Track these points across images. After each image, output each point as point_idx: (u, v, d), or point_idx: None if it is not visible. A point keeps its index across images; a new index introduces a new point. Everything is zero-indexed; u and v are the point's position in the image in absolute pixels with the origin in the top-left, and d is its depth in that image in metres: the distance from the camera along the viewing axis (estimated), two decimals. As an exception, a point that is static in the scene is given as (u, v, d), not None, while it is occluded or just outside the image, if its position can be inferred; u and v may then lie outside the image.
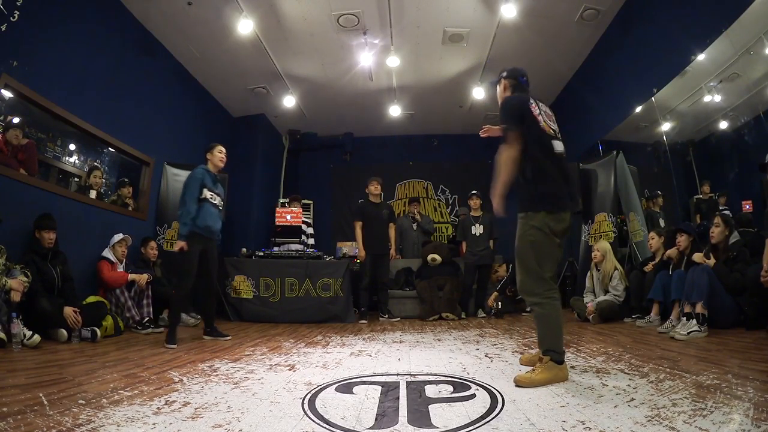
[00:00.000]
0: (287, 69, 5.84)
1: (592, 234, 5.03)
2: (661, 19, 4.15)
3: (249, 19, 4.56)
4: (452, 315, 4.90)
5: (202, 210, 3.23)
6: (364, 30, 5.00)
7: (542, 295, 1.91)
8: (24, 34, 3.31)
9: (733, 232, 3.13)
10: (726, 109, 3.90)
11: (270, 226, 5.83)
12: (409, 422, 1.35)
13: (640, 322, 3.50)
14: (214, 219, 3.33)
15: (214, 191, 3.36)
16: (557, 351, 1.85)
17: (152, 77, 5.04)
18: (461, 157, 8.07)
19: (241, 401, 1.58)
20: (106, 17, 4.24)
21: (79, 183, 4.31)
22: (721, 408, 1.32)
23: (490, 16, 4.79)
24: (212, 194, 3.34)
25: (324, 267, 4.90)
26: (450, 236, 7.45)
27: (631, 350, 2.45)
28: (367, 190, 5.11)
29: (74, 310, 3.04)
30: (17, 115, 3.56)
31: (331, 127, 7.71)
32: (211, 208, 3.30)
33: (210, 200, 3.30)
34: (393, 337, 3.44)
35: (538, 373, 1.79)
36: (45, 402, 1.50)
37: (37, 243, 3.21)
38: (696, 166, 4.44)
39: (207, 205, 3.27)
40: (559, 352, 1.85)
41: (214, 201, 3.35)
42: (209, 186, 3.33)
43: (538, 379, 1.77)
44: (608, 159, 5.00)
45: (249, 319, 4.66)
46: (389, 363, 2.34)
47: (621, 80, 4.97)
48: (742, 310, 2.81)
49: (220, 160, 3.46)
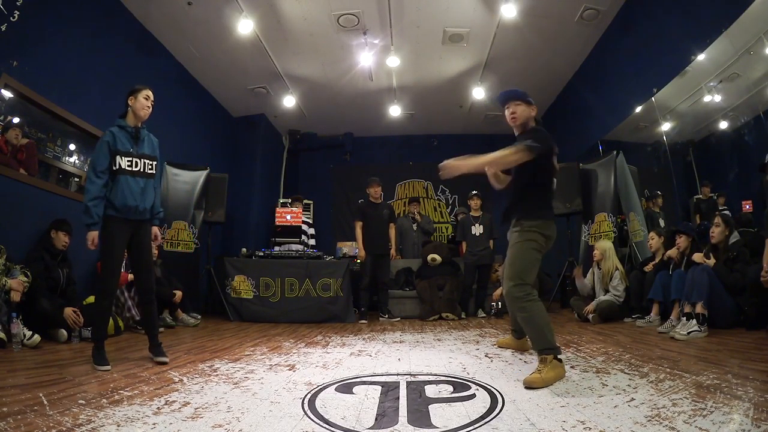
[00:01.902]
0: (287, 69, 5.84)
1: (592, 234, 5.03)
2: (661, 19, 4.15)
3: (249, 19, 4.56)
4: (452, 315, 4.89)
5: (118, 184, 2.36)
6: (364, 30, 5.00)
7: (523, 299, 2.01)
8: (24, 34, 3.31)
9: (733, 232, 3.13)
10: (726, 109, 3.90)
11: (270, 226, 5.84)
12: (409, 422, 1.35)
13: (640, 322, 3.50)
14: (139, 194, 2.41)
15: (132, 154, 2.42)
16: (553, 348, 1.90)
17: (152, 77, 5.02)
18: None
19: (241, 401, 1.58)
20: (106, 17, 4.24)
21: (79, 183, 4.31)
22: (721, 408, 1.32)
23: (490, 16, 4.79)
24: (130, 160, 2.40)
25: (324, 267, 4.90)
26: (450, 236, 7.45)
27: (631, 350, 2.45)
28: (368, 191, 5.12)
29: (74, 310, 3.04)
30: (17, 115, 3.56)
31: (331, 127, 7.71)
32: (129, 180, 2.38)
33: (127, 168, 2.38)
34: (393, 337, 3.44)
35: (546, 372, 1.82)
36: (45, 402, 1.50)
37: (50, 242, 3.26)
38: (696, 166, 4.44)
39: (124, 176, 2.37)
40: (555, 348, 1.91)
41: (135, 168, 2.41)
42: (124, 149, 2.39)
43: (548, 377, 1.80)
44: (608, 159, 5.00)
45: (249, 319, 4.66)
46: (389, 363, 2.34)
47: (621, 80, 4.97)
48: (742, 310, 2.81)
49: (144, 108, 2.47)
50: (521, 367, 2.15)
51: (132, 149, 2.43)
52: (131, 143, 2.44)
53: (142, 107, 2.48)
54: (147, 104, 2.50)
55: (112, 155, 2.37)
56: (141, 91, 2.51)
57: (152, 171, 2.52)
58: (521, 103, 2.18)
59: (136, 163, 2.43)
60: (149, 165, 2.49)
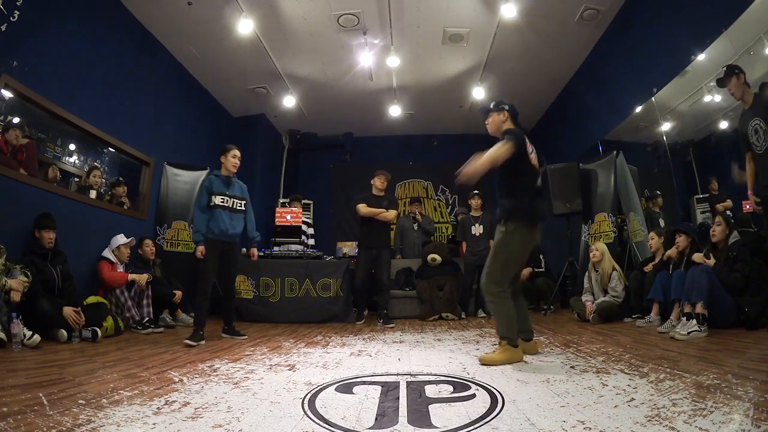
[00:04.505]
0: (287, 69, 5.84)
1: (592, 234, 5.03)
2: (661, 19, 4.15)
3: (249, 19, 4.56)
4: (452, 315, 4.90)
5: (215, 215, 3.32)
6: (364, 30, 5.00)
7: (496, 294, 2.34)
8: (24, 34, 3.31)
9: (732, 232, 3.13)
10: (726, 109, 3.89)
11: (270, 226, 5.84)
12: (409, 422, 1.35)
13: (640, 322, 3.50)
14: (229, 222, 3.36)
15: (225, 194, 3.38)
16: (511, 338, 2.28)
17: (152, 77, 5.04)
18: (461, 157, 7.94)
19: (241, 401, 1.58)
20: (106, 17, 4.24)
21: (79, 183, 4.31)
22: (721, 408, 1.32)
23: (490, 16, 4.79)
24: (223, 198, 3.37)
25: (324, 267, 4.90)
26: (450, 236, 7.45)
27: (631, 350, 2.45)
28: (372, 182, 4.76)
29: (75, 310, 3.04)
30: (17, 115, 3.56)
31: (331, 127, 7.71)
32: (222, 213, 3.34)
33: (221, 204, 3.35)
34: (393, 337, 3.44)
35: (499, 353, 2.25)
36: (45, 402, 1.50)
37: (37, 243, 3.21)
38: (696, 166, 4.43)
39: (218, 210, 3.33)
40: (512, 338, 2.28)
41: (227, 204, 3.38)
42: (218, 191, 3.36)
43: (498, 358, 2.22)
44: (608, 159, 5.00)
45: (249, 319, 4.66)
46: (389, 363, 2.34)
47: (621, 80, 4.96)
48: (742, 310, 2.81)
49: (232, 165, 3.44)
50: (521, 367, 2.15)
51: (224, 190, 3.39)
52: (224, 187, 3.40)
53: (232, 165, 3.44)
54: (234, 162, 3.45)
55: (208, 196, 3.34)
56: (230, 151, 3.44)
57: (240, 207, 3.47)
58: (491, 113, 2.53)
59: (226, 200, 3.38)
60: (238, 203, 3.45)
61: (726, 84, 3.01)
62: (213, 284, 3.40)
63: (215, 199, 3.33)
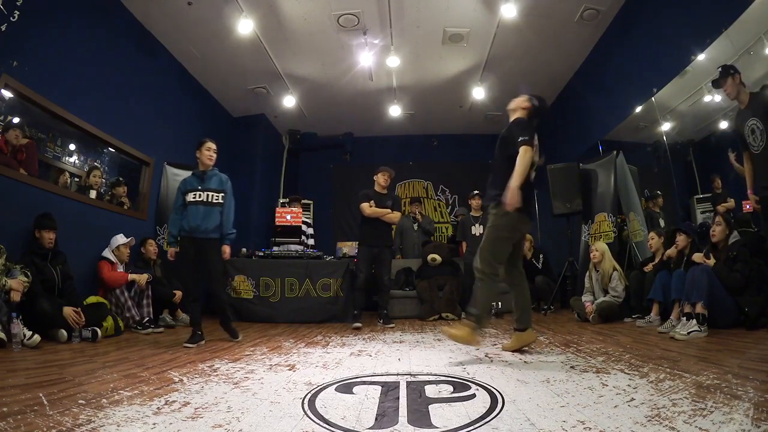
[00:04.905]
0: (287, 69, 5.84)
1: (592, 234, 5.03)
2: (661, 19, 4.15)
3: (249, 19, 4.56)
4: (452, 315, 4.90)
5: (187, 212, 3.20)
6: (364, 30, 5.00)
7: (486, 274, 2.43)
8: (24, 34, 3.31)
9: (732, 232, 3.13)
10: (726, 109, 3.89)
11: (270, 226, 5.83)
12: (409, 422, 1.35)
13: (640, 322, 3.50)
14: (201, 217, 3.18)
15: (197, 190, 3.23)
16: (478, 318, 2.39)
17: (152, 77, 5.04)
18: (461, 157, 8.07)
19: (241, 401, 1.58)
20: (106, 17, 4.24)
21: (78, 183, 4.31)
22: (721, 408, 1.32)
23: (490, 16, 4.79)
24: (195, 193, 3.22)
25: (324, 267, 4.90)
26: (450, 236, 7.45)
27: (631, 350, 2.45)
28: (375, 178, 4.67)
29: (75, 310, 3.04)
30: (17, 115, 3.56)
31: (331, 127, 7.71)
32: (194, 209, 3.19)
33: (193, 200, 3.20)
34: (393, 337, 3.44)
35: (459, 329, 2.40)
36: (45, 402, 1.50)
37: (37, 243, 3.21)
38: (696, 166, 4.43)
39: (191, 206, 3.20)
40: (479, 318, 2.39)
41: (199, 199, 3.21)
42: (190, 188, 3.24)
43: (457, 334, 2.38)
44: (608, 159, 5.00)
45: (249, 319, 4.66)
46: (389, 363, 2.34)
47: (621, 80, 4.96)
48: (742, 310, 2.81)
49: (207, 158, 3.29)
50: (521, 367, 2.15)
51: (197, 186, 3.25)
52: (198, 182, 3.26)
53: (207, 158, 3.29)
54: (209, 155, 3.29)
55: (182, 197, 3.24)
56: (204, 144, 3.30)
57: (214, 200, 3.27)
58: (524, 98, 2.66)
59: (197, 195, 3.22)
60: (212, 196, 3.27)
61: (722, 85, 3.00)
62: (199, 283, 3.29)
63: (187, 197, 3.22)
